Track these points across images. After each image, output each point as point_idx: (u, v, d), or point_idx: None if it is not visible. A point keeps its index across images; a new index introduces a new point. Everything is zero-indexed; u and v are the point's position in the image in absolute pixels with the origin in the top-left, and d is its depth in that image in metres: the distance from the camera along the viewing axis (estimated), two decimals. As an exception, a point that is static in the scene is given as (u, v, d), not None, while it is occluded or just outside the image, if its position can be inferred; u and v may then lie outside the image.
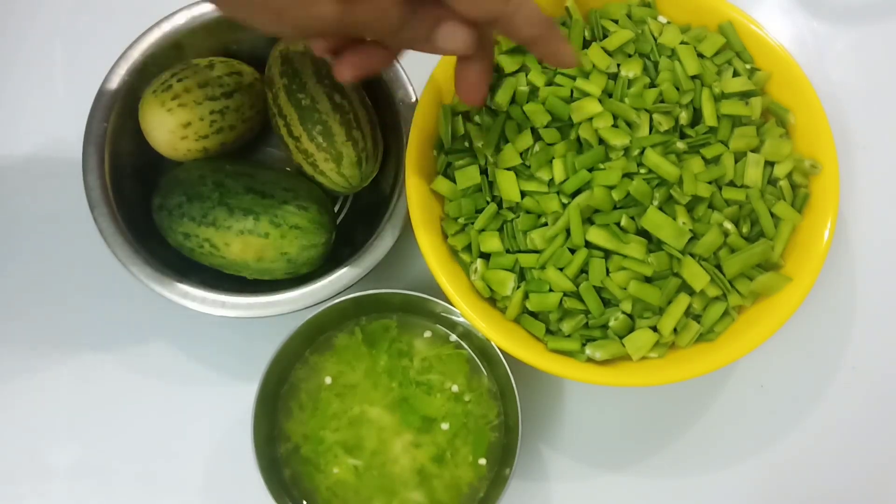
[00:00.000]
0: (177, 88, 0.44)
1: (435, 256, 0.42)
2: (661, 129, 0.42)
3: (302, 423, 0.44)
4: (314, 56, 0.45)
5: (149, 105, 0.45)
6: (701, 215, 0.42)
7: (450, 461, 0.44)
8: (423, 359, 0.45)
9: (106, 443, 0.49)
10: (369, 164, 0.46)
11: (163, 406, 0.49)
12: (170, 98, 0.44)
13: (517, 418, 0.42)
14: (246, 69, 0.47)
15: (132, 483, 0.48)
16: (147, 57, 0.47)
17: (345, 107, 0.45)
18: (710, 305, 0.42)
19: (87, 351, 0.50)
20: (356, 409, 0.44)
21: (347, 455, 0.44)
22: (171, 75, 0.45)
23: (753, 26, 0.45)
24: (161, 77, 0.45)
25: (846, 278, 0.52)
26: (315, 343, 0.45)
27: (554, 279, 0.41)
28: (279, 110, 0.45)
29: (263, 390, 0.42)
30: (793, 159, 0.44)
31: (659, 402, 0.50)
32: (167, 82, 0.45)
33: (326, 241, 0.45)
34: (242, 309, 0.44)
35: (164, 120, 0.44)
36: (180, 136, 0.45)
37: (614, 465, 0.49)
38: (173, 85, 0.45)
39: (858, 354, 0.51)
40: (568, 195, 0.41)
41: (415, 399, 0.44)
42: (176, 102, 0.44)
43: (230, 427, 0.49)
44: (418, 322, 0.46)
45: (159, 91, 0.45)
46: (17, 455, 0.48)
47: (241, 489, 0.46)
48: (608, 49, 0.43)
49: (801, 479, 0.49)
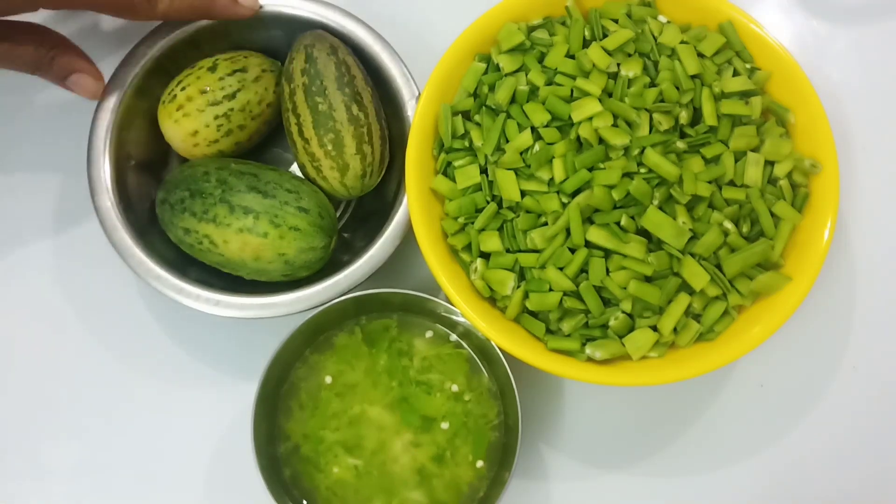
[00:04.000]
0: (180, 98, 0.45)
1: (435, 256, 0.42)
2: (661, 128, 0.42)
3: (302, 423, 0.44)
4: (338, 59, 0.45)
5: (161, 116, 0.46)
6: (701, 215, 0.42)
7: (450, 461, 0.44)
8: (423, 358, 0.45)
9: (106, 442, 0.49)
10: (372, 178, 0.46)
11: (163, 405, 0.49)
12: (175, 109, 0.45)
13: (517, 418, 0.42)
14: (252, 62, 0.47)
15: (132, 482, 0.48)
16: (158, 52, 0.47)
17: (360, 119, 0.45)
18: (710, 305, 0.42)
19: (87, 350, 0.50)
20: (356, 409, 0.44)
21: (347, 455, 0.44)
22: (177, 83, 0.46)
23: (753, 26, 0.45)
24: (169, 86, 0.46)
25: (846, 278, 0.52)
26: (315, 342, 0.45)
27: (554, 279, 0.41)
28: (294, 107, 0.45)
29: (263, 389, 0.42)
30: (793, 159, 0.44)
31: (659, 402, 0.50)
32: (172, 91, 0.45)
33: (325, 245, 0.45)
34: (236, 309, 0.43)
35: (174, 131, 0.45)
36: (192, 144, 0.46)
37: (614, 465, 0.49)
38: (177, 95, 0.45)
39: (858, 354, 0.51)
40: (568, 195, 0.41)
41: (415, 398, 0.44)
42: (181, 113, 0.45)
43: (230, 426, 0.49)
44: (418, 322, 0.46)
45: (167, 102, 0.45)
46: (17, 455, 0.48)
47: (241, 489, 0.46)
48: (608, 48, 0.43)
49: (800, 479, 0.49)
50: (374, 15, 0.48)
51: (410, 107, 0.46)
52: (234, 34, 0.48)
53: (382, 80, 0.47)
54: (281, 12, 0.47)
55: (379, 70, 0.47)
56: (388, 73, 0.47)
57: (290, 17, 0.47)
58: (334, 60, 0.45)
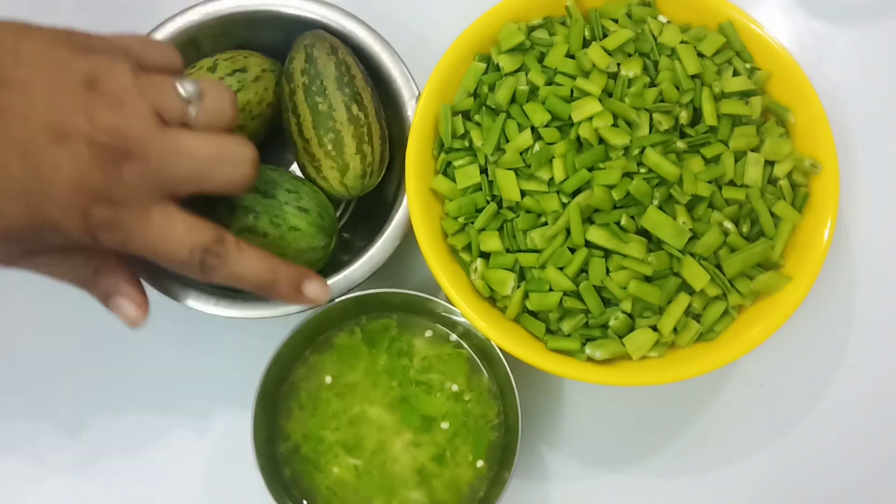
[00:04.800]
0: None
1: (435, 256, 0.42)
2: (661, 128, 0.42)
3: (302, 423, 0.44)
4: (338, 59, 0.45)
5: None
6: (701, 215, 0.42)
7: (450, 460, 0.44)
8: (423, 358, 0.45)
9: (105, 442, 0.49)
10: (372, 178, 0.46)
11: (162, 404, 0.49)
12: None
13: (517, 418, 0.42)
14: (252, 62, 0.47)
15: (131, 482, 0.48)
16: None
17: (360, 119, 0.45)
18: (710, 305, 0.42)
19: (87, 349, 0.50)
20: (356, 409, 0.44)
21: (347, 455, 0.44)
22: None
23: (753, 26, 0.45)
24: None
25: (846, 278, 0.52)
26: (315, 342, 0.45)
27: (554, 279, 0.41)
28: (294, 107, 0.45)
29: (263, 389, 0.42)
30: (793, 159, 0.44)
31: (659, 402, 0.50)
32: None
33: (325, 245, 0.45)
34: (236, 309, 0.43)
35: None
36: None
37: (614, 465, 0.49)
38: None
39: (858, 354, 0.51)
40: (568, 194, 0.41)
41: (415, 398, 0.44)
42: None
43: (230, 426, 0.49)
44: (418, 322, 0.46)
45: None
46: (18, 455, 0.48)
47: (241, 489, 0.46)
48: (608, 48, 0.43)
49: (800, 479, 0.49)
50: (374, 15, 0.48)
51: (410, 107, 0.46)
52: (234, 34, 0.48)
53: (382, 80, 0.47)
54: (281, 12, 0.47)
55: (379, 70, 0.47)
56: (388, 73, 0.47)
57: (290, 17, 0.47)
58: (334, 60, 0.45)
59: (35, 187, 0.32)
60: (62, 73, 0.33)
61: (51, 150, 0.32)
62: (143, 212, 0.34)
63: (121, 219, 0.34)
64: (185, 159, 0.35)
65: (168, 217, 0.35)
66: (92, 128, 0.32)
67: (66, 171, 0.32)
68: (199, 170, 0.35)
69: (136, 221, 0.34)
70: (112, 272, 0.38)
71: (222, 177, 0.36)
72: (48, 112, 0.32)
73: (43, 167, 0.32)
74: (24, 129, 0.32)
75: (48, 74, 0.32)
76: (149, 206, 0.34)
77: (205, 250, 0.36)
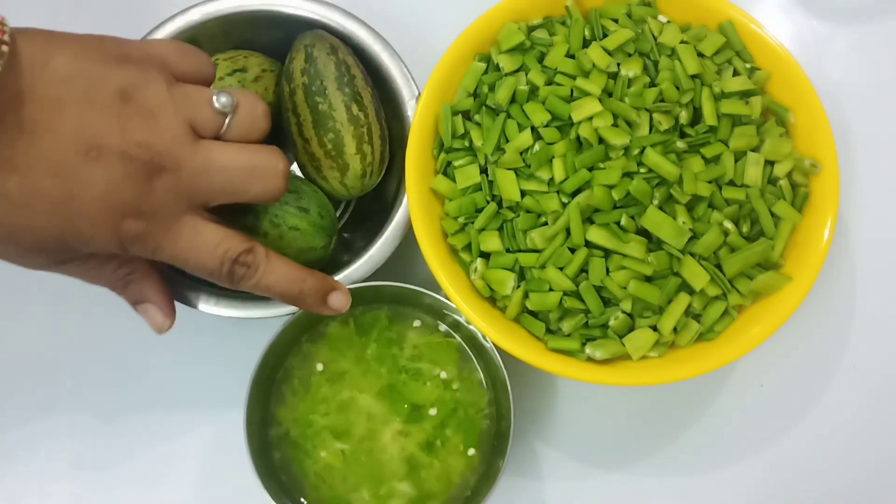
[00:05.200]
0: None
1: (435, 256, 0.42)
2: (661, 128, 0.42)
3: (293, 409, 0.45)
4: (338, 59, 0.45)
5: None
6: (701, 215, 0.42)
7: (440, 449, 0.44)
8: (414, 346, 0.45)
9: (105, 441, 0.49)
10: (372, 178, 0.46)
11: (162, 404, 0.49)
12: None
13: (509, 406, 0.42)
14: (252, 62, 0.47)
15: (131, 481, 0.48)
16: None
17: (360, 119, 0.45)
18: (710, 305, 0.42)
19: (86, 349, 0.50)
20: (345, 394, 0.44)
21: (336, 440, 0.44)
22: None
23: (753, 25, 0.45)
24: None
25: (846, 278, 0.52)
26: (309, 332, 0.46)
27: (554, 278, 0.41)
28: (293, 107, 0.45)
29: (259, 376, 0.42)
30: (793, 158, 0.44)
31: (657, 401, 0.50)
32: None
33: (325, 245, 0.45)
34: (235, 309, 0.43)
35: None
36: None
37: (610, 464, 0.49)
38: None
39: (858, 354, 0.51)
40: (568, 194, 0.41)
41: (403, 386, 0.45)
42: None
43: (230, 426, 0.49)
44: (409, 313, 0.46)
45: None
46: (18, 455, 0.48)
47: (239, 488, 0.46)
48: (608, 48, 0.43)
49: (800, 479, 0.49)
50: (374, 15, 0.48)
51: (410, 107, 0.46)
52: (234, 34, 0.48)
53: (382, 80, 0.47)
54: (281, 12, 0.47)
55: (379, 70, 0.47)
56: (388, 73, 0.47)
57: (290, 17, 0.47)
58: (334, 60, 0.45)
59: (67, 204, 0.32)
60: (95, 89, 0.32)
61: (83, 168, 0.31)
62: (173, 223, 0.34)
63: (151, 231, 0.34)
64: (217, 173, 0.34)
65: (198, 228, 0.35)
66: (125, 143, 0.32)
67: (99, 187, 0.32)
68: (231, 183, 0.35)
69: (167, 233, 0.34)
70: (142, 279, 0.38)
71: (254, 189, 0.36)
72: (81, 129, 0.31)
73: (75, 185, 0.31)
74: (55, 146, 0.31)
75: (81, 90, 0.32)
76: (179, 217, 0.34)
77: (234, 261, 0.36)
